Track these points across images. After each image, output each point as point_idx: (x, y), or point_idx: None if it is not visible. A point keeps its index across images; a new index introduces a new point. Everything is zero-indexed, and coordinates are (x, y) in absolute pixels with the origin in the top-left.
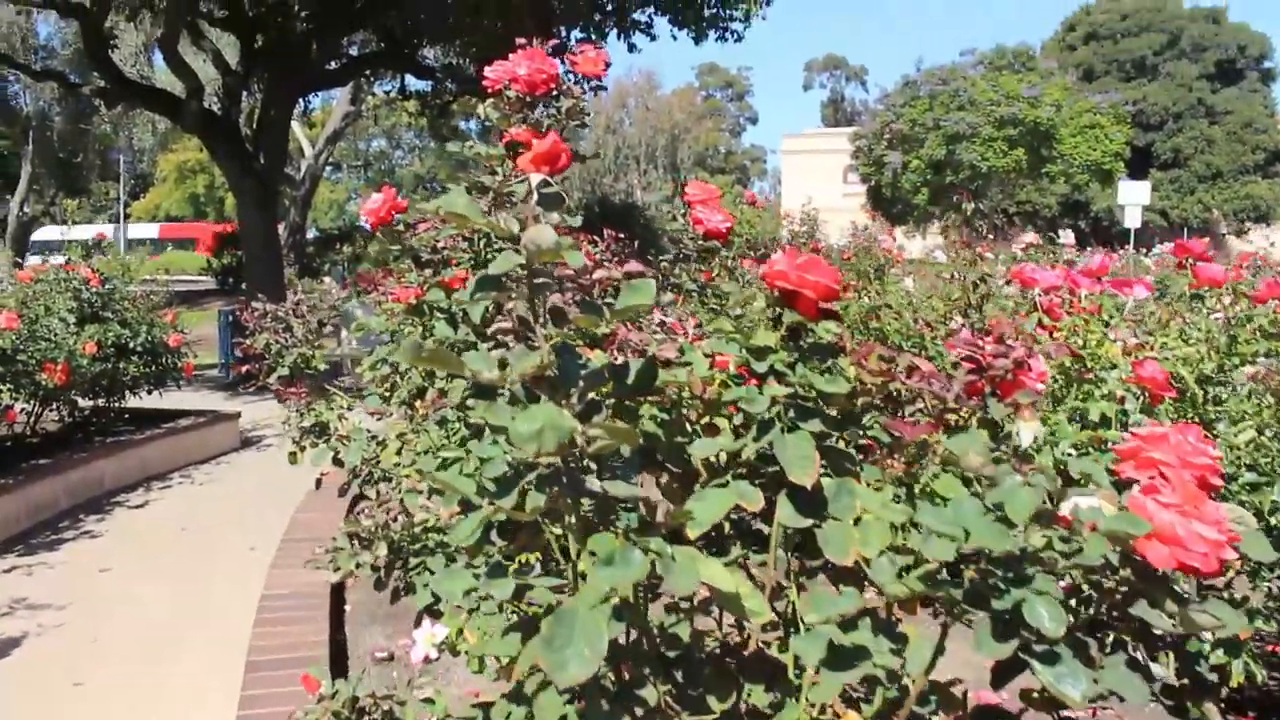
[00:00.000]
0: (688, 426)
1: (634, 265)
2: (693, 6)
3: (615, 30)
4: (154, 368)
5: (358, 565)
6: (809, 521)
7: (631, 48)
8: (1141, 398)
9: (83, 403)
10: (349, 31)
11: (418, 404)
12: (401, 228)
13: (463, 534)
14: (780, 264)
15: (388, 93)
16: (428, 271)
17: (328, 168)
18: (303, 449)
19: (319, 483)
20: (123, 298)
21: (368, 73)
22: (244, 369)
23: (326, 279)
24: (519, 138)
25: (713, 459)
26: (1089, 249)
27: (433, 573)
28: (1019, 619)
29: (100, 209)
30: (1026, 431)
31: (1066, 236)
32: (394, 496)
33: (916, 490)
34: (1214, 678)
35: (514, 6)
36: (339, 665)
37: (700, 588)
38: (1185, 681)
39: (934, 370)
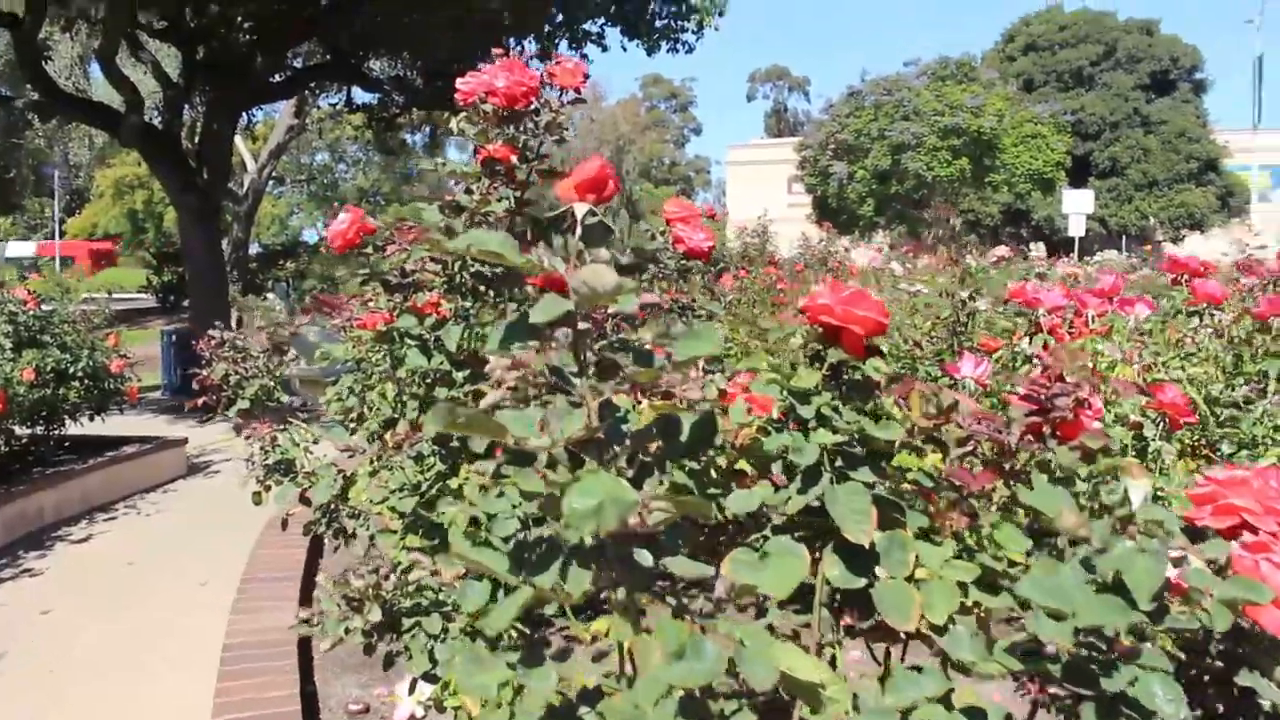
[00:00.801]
0: (713, 475)
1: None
2: (645, 18)
3: (567, 42)
4: (96, 394)
5: (347, 631)
6: (862, 581)
7: (583, 59)
8: (1160, 424)
9: (20, 431)
10: (295, 43)
11: (387, 436)
12: (370, 250)
13: (498, 621)
14: (824, 297)
15: (334, 105)
16: (398, 296)
17: (270, 182)
18: (267, 488)
19: (285, 523)
20: (62, 320)
21: (312, 85)
22: (200, 401)
23: (270, 295)
24: (497, 154)
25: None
26: (1061, 260)
27: (434, 637)
28: (1127, 699)
29: (35, 227)
30: (1137, 491)
31: (1039, 249)
32: (386, 555)
33: (971, 541)
34: None
35: (465, 18)
36: None
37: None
38: None
39: (984, 411)
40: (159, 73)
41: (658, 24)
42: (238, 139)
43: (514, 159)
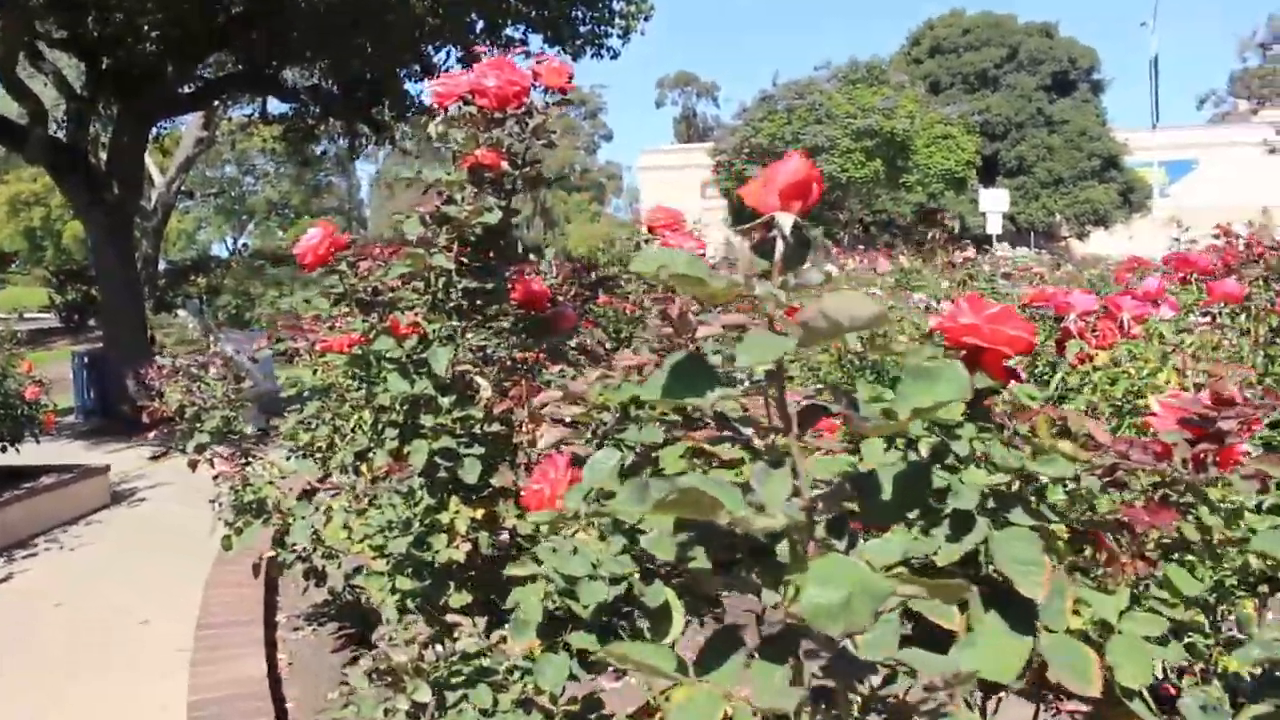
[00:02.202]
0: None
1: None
2: (569, 23)
3: (489, 48)
4: (9, 422)
5: (387, 713)
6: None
7: None
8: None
9: None
10: (207, 53)
11: (364, 468)
12: (344, 266)
13: None
14: (965, 315)
15: (249, 116)
16: (373, 316)
17: (179, 196)
18: (239, 531)
19: (257, 569)
20: None
21: (225, 96)
22: (150, 434)
23: (181, 313)
24: (485, 160)
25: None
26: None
27: (485, 713)
28: None
29: None
30: None
31: (1003, 248)
32: (375, 600)
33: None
34: None
35: (389, 24)
36: None
37: None
38: None
39: (1136, 439)
40: (61, 84)
41: (581, 30)
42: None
43: (504, 165)
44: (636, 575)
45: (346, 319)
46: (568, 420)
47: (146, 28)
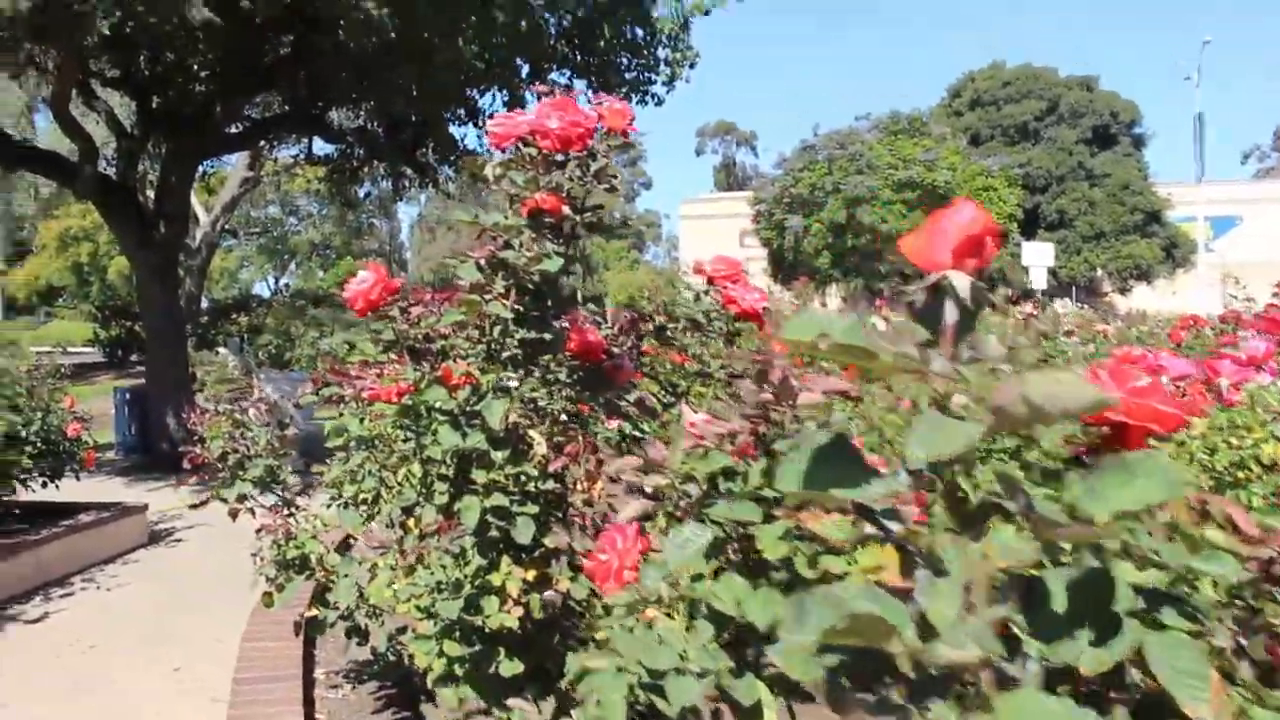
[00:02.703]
0: None
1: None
2: (615, 69)
3: (538, 95)
4: (50, 458)
5: None
6: None
7: None
8: None
9: None
10: (255, 92)
11: (410, 522)
12: (396, 312)
13: None
14: (1108, 386)
15: (295, 157)
16: (424, 365)
17: (223, 235)
18: (280, 588)
19: (298, 627)
20: (13, 381)
21: (270, 136)
22: (192, 480)
23: (222, 350)
24: (545, 204)
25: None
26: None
27: None
28: None
29: None
30: None
31: (1063, 305)
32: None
33: None
34: None
35: (435, 66)
36: None
37: None
38: None
39: None
40: (113, 122)
41: (626, 76)
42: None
43: (566, 210)
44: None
45: (394, 366)
46: (648, 490)
47: (196, 67)
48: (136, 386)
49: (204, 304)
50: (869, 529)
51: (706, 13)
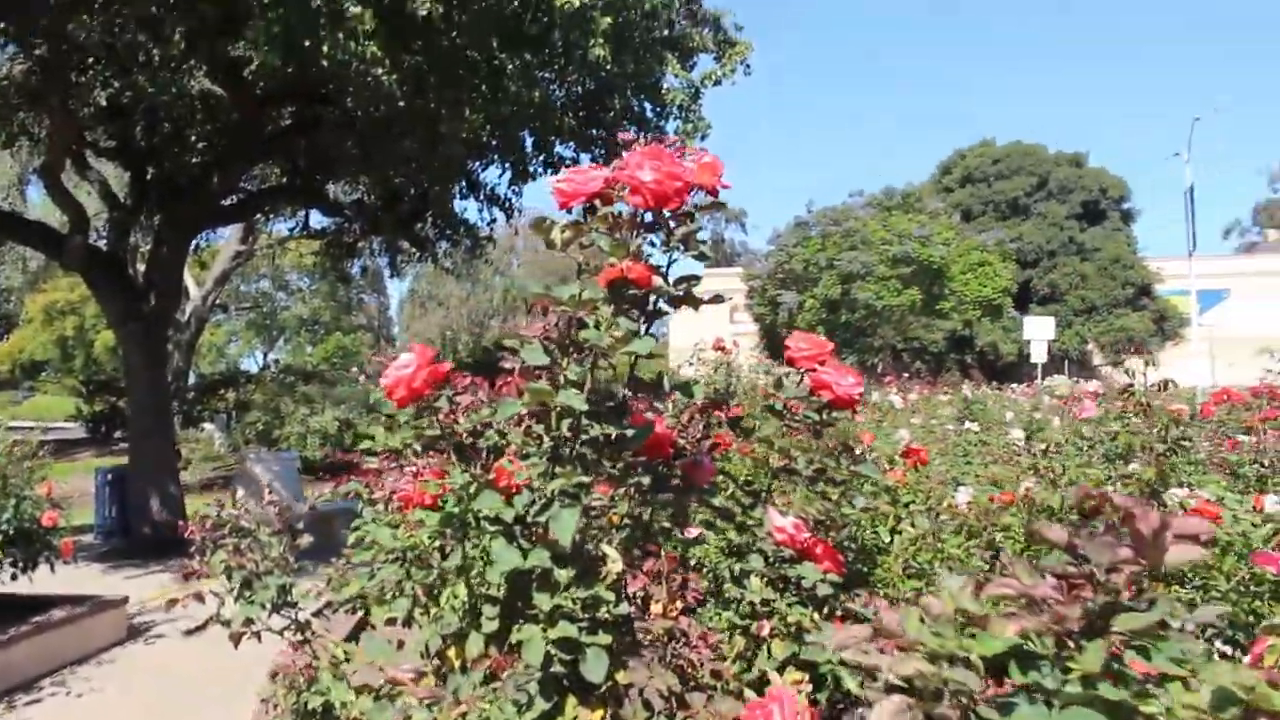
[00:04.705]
0: None
1: None
2: (618, 144)
3: (543, 165)
4: (21, 546)
5: None
6: None
7: None
8: None
9: None
10: (254, 163)
11: (449, 653)
12: (444, 403)
13: None
14: None
15: (291, 230)
16: (475, 466)
17: (213, 310)
18: None
19: None
20: None
21: (266, 209)
22: (185, 597)
23: (208, 426)
24: (630, 274)
25: None
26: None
27: None
28: None
29: None
30: None
31: (1061, 379)
32: None
33: None
34: None
35: (440, 138)
36: None
37: None
38: None
39: None
40: (106, 192)
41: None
42: None
43: (658, 281)
44: None
45: (426, 461)
46: (891, 678)
47: (194, 138)
48: (118, 467)
49: (191, 379)
50: None
51: (718, 82)
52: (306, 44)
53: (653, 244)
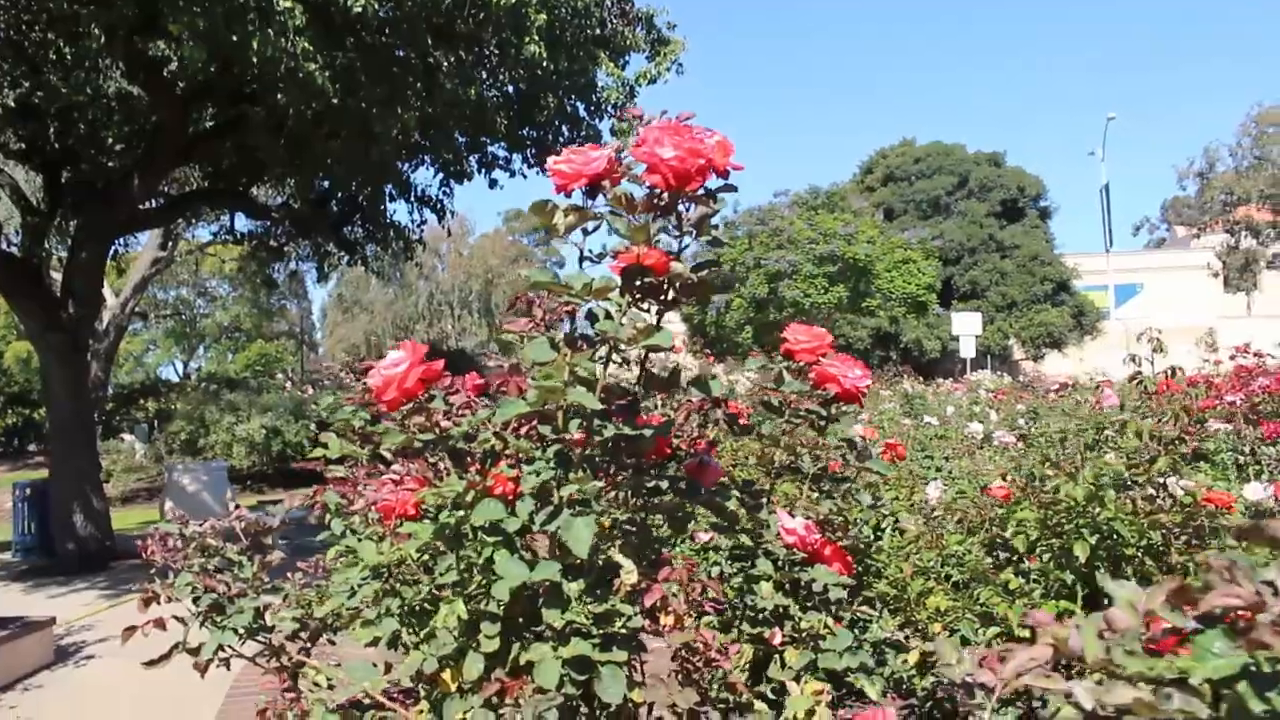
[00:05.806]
0: None
1: None
2: (550, 146)
3: (478, 165)
4: None
5: None
6: None
7: (493, 184)
8: None
9: None
10: (176, 166)
11: (444, 676)
12: (439, 403)
13: None
14: None
15: (215, 235)
16: (472, 471)
17: (132, 318)
18: None
19: None
20: None
21: (188, 213)
22: (147, 624)
23: (128, 437)
24: (646, 260)
25: None
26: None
27: None
28: None
29: None
30: None
31: (986, 374)
32: None
33: None
34: None
35: (373, 138)
36: None
37: None
38: None
39: None
40: (18, 197)
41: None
42: None
43: (676, 267)
44: None
45: (406, 467)
46: (1085, 705)
47: (111, 140)
48: (37, 480)
49: (109, 390)
50: None
51: (652, 81)
52: (234, 39)
53: (665, 230)
